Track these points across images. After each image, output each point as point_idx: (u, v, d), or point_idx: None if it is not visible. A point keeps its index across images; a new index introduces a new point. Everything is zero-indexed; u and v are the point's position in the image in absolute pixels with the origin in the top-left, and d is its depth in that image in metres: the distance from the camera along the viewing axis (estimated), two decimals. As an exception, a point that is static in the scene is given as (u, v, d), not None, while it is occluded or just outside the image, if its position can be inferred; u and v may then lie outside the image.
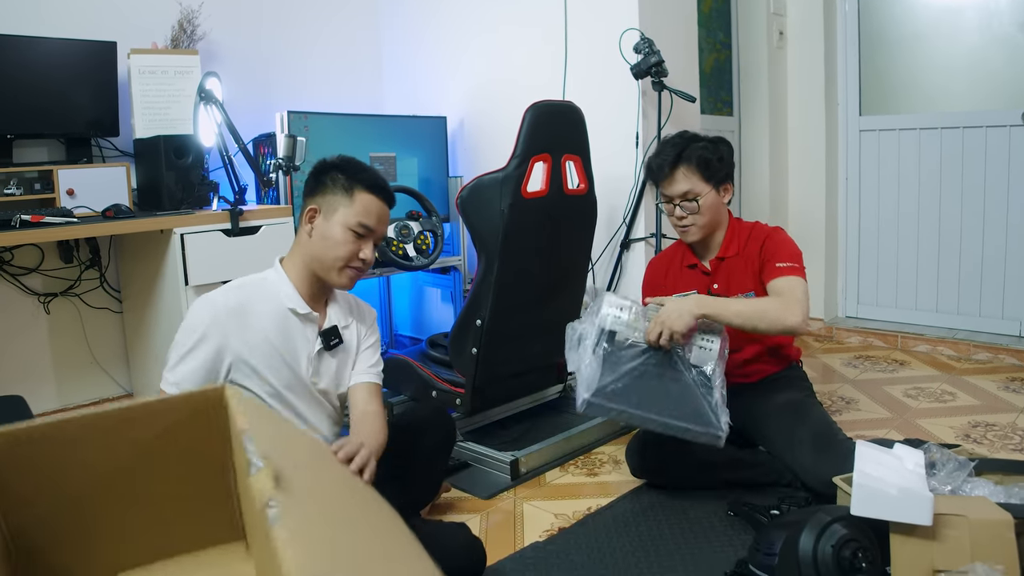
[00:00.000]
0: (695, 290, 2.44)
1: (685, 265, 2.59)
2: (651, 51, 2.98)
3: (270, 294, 1.88)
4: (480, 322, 2.65)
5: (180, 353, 1.78)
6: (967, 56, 3.97)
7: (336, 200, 1.89)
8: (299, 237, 1.94)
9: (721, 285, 2.51)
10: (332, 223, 1.88)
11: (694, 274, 2.57)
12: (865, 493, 1.71)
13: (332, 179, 1.90)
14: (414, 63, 4.09)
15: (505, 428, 2.98)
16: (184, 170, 2.96)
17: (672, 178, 2.46)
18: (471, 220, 2.66)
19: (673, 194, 2.47)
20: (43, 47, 2.91)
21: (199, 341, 1.77)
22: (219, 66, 3.38)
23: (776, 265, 2.39)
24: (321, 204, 1.89)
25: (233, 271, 2.84)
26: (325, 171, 1.93)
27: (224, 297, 1.83)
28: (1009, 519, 1.69)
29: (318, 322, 1.93)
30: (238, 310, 1.82)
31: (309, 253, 1.90)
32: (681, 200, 2.46)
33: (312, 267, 1.90)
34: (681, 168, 2.44)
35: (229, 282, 1.94)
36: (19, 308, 3.10)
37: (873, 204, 4.35)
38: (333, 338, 1.94)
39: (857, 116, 4.36)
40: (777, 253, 2.43)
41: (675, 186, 2.46)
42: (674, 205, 2.49)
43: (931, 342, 4.05)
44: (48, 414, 3.08)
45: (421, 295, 4.14)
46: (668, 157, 2.45)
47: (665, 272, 2.64)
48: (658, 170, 2.48)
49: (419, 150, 3.61)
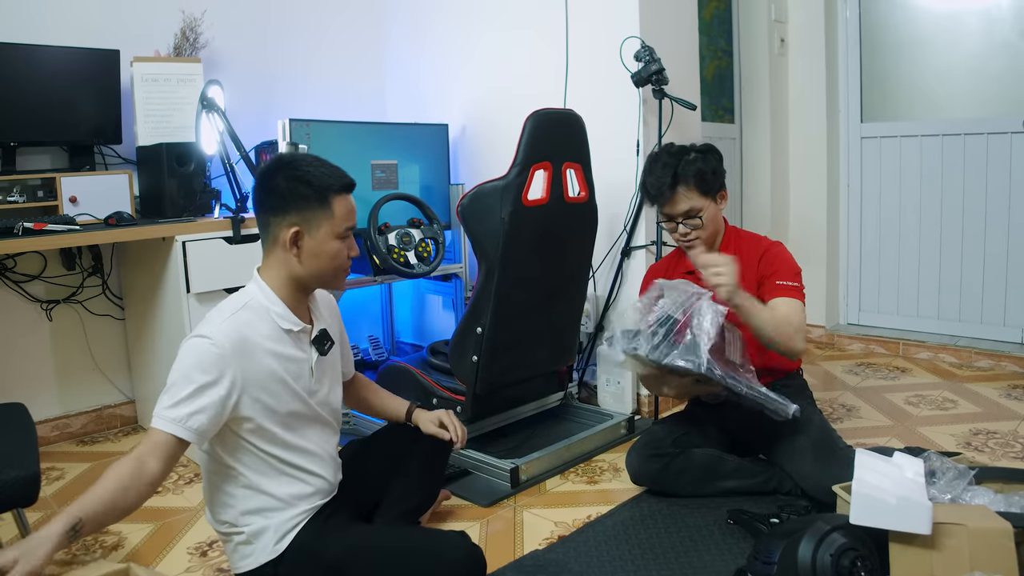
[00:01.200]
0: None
1: (683, 272, 2.56)
2: (652, 59, 2.99)
3: (261, 316, 1.80)
4: (481, 330, 2.66)
5: (184, 392, 1.66)
6: (968, 63, 3.97)
7: (314, 215, 1.79)
8: (278, 257, 1.82)
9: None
10: (320, 240, 1.80)
11: (693, 280, 2.55)
12: (864, 502, 1.72)
13: (299, 194, 1.78)
14: (417, 70, 4.10)
15: (506, 436, 2.98)
16: (186, 178, 2.97)
17: (673, 199, 2.42)
18: (472, 228, 2.67)
19: (675, 213, 2.44)
20: (46, 55, 2.92)
21: (209, 384, 1.67)
22: (222, 74, 3.40)
23: (777, 283, 2.38)
24: (299, 223, 1.78)
25: (235, 278, 2.88)
26: (278, 180, 1.80)
27: (223, 335, 1.72)
28: (1008, 528, 1.69)
29: (309, 332, 1.91)
30: (241, 345, 1.73)
31: (302, 272, 1.82)
32: (684, 219, 2.44)
33: (306, 283, 1.85)
34: (680, 188, 2.40)
35: (212, 313, 1.81)
36: (22, 315, 3.11)
37: (874, 211, 4.35)
38: (327, 342, 1.92)
39: (858, 123, 4.36)
40: (779, 270, 2.41)
41: (677, 206, 2.43)
42: (676, 223, 2.46)
43: (933, 349, 4.05)
44: (50, 421, 3.11)
45: (422, 302, 4.15)
46: (665, 179, 2.40)
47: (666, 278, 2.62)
48: (657, 193, 2.43)
49: (421, 157, 3.62)
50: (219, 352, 1.69)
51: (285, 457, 1.82)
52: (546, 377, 3.07)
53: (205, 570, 2.15)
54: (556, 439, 2.88)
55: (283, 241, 1.79)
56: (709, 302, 2.17)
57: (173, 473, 2.84)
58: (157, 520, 2.47)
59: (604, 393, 3.33)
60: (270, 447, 1.79)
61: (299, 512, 1.85)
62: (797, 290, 2.36)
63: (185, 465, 2.91)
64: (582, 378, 3.43)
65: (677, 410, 2.88)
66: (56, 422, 3.20)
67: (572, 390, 3.27)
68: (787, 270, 2.41)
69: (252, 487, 1.80)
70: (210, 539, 2.32)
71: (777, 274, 2.40)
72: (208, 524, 1.88)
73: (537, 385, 3.06)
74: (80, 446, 3.16)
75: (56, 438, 3.20)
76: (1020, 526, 1.75)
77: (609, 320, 3.24)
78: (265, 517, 1.81)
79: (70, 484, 2.77)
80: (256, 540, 1.82)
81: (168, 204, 2.94)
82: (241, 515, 1.81)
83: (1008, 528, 1.69)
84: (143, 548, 2.29)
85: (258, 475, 1.80)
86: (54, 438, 3.19)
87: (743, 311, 2.20)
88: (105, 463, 2.95)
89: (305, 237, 1.79)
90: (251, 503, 1.81)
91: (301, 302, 1.88)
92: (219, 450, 1.78)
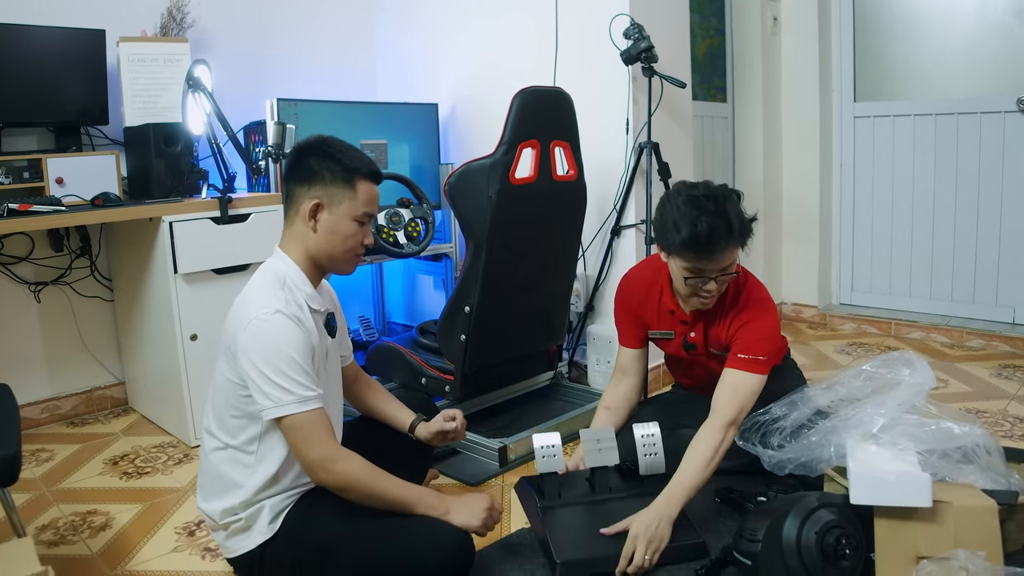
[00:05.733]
0: (672, 331, 2.36)
1: (664, 308, 2.37)
2: (641, 36, 2.96)
3: (295, 293, 1.82)
4: (469, 309, 2.65)
5: (293, 370, 1.69)
6: (962, 42, 3.95)
7: (338, 192, 1.83)
8: (298, 230, 1.86)
9: (698, 337, 2.34)
10: (338, 217, 1.84)
11: (672, 320, 2.37)
12: (863, 481, 1.71)
13: (328, 169, 1.83)
14: (407, 50, 4.07)
15: (494, 415, 2.98)
16: (173, 158, 2.95)
17: (723, 253, 2.07)
18: (459, 207, 2.65)
19: (716, 269, 2.10)
20: (32, 35, 2.90)
21: (302, 353, 1.72)
22: (209, 54, 3.37)
23: (738, 356, 2.18)
24: (322, 197, 1.83)
25: (222, 259, 2.87)
26: (311, 157, 1.86)
27: (284, 306, 1.74)
28: (993, 505, 1.69)
29: (323, 315, 1.92)
30: (299, 316, 1.77)
31: (315, 248, 1.85)
32: (720, 275, 2.12)
33: (319, 260, 1.88)
34: (731, 241, 2.07)
35: (258, 291, 1.80)
36: (10, 297, 3.10)
37: (867, 191, 4.34)
38: (334, 326, 1.97)
39: (851, 102, 4.34)
40: (747, 343, 2.19)
41: (723, 261, 2.08)
42: (710, 279, 2.12)
43: (924, 329, 4.05)
44: (40, 403, 3.11)
45: (413, 282, 4.14)
46: (722, 230, 2.02)
47: (642, 301, 2.41)
48: (710, 244, 2.03)
49: (410, 137, 3.60)
50: (293, 322, 1.74)
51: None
52: (535, 357, 3.06)
53: (192, 549, 2.15)
54: (545, 418, 2.88)
55: (304, 212, 1.84)
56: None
57: (162, 454, 2.84)
58: (145, 500, 2.47)
59: (594, 373, 3.32)
60: None
61: (293, 492, 1.86)
62: (758, 364, 2.16)
63: (174, 446, 2.90)
64: (572, 358, 3.43)
65: (665, 391, 2.87)
66: (46, 404, 3.20)
67: (562, 370, 3.26)
68: (755, 342, 2.19)
69: (266, 472, 1.81)
70: (198, 519, 2.32)
71: (742, 346, 2.19)
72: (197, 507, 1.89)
73: (526, 365, 3.06)
74: (70, 428, 3.15)
75: (46, 420, 3.19)
76: (1004, 503, 1.75)
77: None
78: (266, 500, 1.82)
79: (59, 465, 2.77)
80: (253, 523, 1.82)
81: (156, 185, 2.92)
82: (246, 501, 1.81)
83: (993, 505, 1.69)
84: (131, 528, 2.29)
85: (275, 460, 1.81)
86: (44, 420, 3.18)
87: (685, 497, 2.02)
88: (95, 444, 2.94)
89: (324, 211, 1.84)
90: (260, 489, 1.81)
91: (317, 284, 1.91)
92: (248, 432, 1.80)
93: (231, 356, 1.77)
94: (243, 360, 1.72)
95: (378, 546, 1.77)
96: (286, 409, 1.68)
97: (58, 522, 2.34)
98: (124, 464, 2.77)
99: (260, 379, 1.69)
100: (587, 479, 2.16)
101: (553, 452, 2.10)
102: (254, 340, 1.71)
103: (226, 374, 1.80)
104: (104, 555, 2.14)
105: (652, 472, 2.16)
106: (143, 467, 2.74)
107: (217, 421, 1.85)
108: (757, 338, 2.18)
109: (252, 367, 1.70)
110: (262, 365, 1.69)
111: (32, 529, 2.29)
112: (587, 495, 2.12)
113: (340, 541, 1.78)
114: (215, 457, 1.85)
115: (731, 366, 2.17)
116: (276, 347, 1.70)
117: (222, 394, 1.82)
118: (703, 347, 2.34)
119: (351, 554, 1.77)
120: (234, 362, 1.76)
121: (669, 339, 2.40)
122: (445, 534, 1.78)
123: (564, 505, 2.07)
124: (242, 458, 1.81)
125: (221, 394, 1.83)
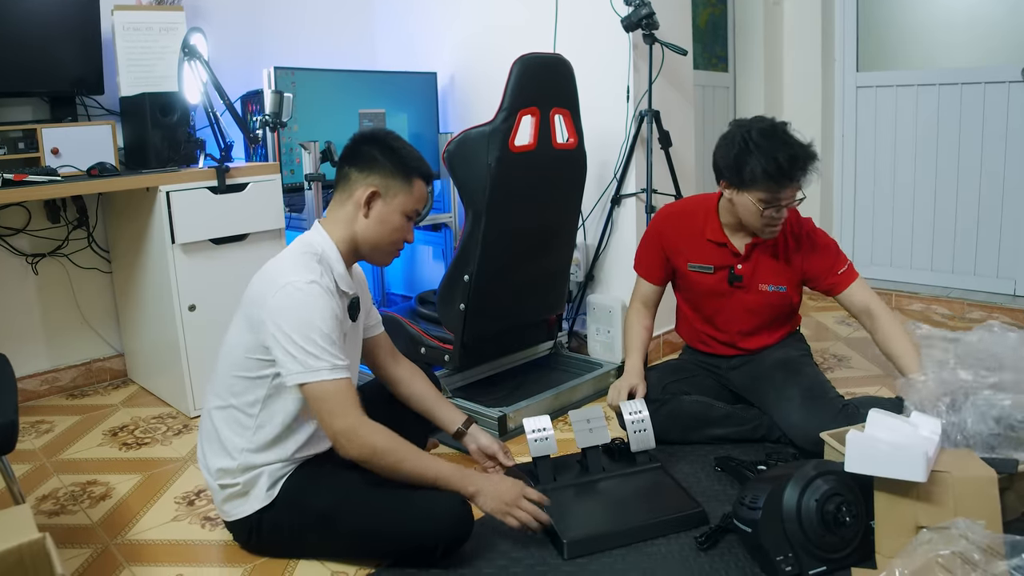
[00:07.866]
0: (712, 266, 2.42)
1: (708, 239, 2.43)
2: (642, 3, 2.92)
3: (327, 271, 1.83)
4: (468, 278, 2.64)
5: (325, 342, 1.70)
6: (967, 11, 3.91)
7: (395, 185, 1.87)
8: (347, 212, 1.88)
9: (746, 270, 2.40)
10: (392, 208, 1.88)
11: (721, 252, 2.42)
12: (858, 450, 1.71)
13: (391, 161, 1.87)
14: (407, 18, 4.02)
15: (494, 384, 2.97)
16: (170, 128, 2.92)
17: (800, 181, 2.20)
18: (458, 174, 2.63)
19: (791, 195, 2.22)
20: (24, 3, 2.85)
21: (333, 326, 1.73)
22: (205, 22, 3.33)
23: (838, 273, 2.40)
24: (380, 187, 1.86)
25: (220, 228, 2.85)
26: (374, 147, 1.89)
27: (319, 277, 1.76)
28: (993, 475, 1.69)
29: (349, 298, 1.93)
30: (332, 291, 1.79)
31: (362, 233, 1.89)
32: (788, 202, 2.24)
33: (361, 246, 1.91)
34: (809, 168, 2.20)
35: (290, 261, 1.81)
36: (7, 269, 3.08)
37: (869, 162, 4.31)
38: (357, 311, 1.98)
39: (854, 72, 4.30)
40: (831, 263, 2.41)
41: (797, 191, 2.23)
42: (783, 206, 2.23)
43: (925, 300, 4.03)
44: (39, 375, 3.10)
45: (412, 252, 4.12)
46: (802, 159, 2.17)
47: (681, 234, 2.47)
48: (792, 172, 2.16)
49: (409, 106, 3.57)
50: (325, 293, 1.75)
51: (306, 410, 1.83)
52: (535, 326, 3.05)
53: (192, 518, 2.15)
54: (545, 388, 2.87)
55: (358, 198, 1.87)
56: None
57: (161, 424, 2.84)
58: (145, 471, 2.47)
59: (594, 342, 3.32)
60: (300, 399, 1.81)
61: (292, 461, 1.87)
62: (852, 271, 2.41)
63: (174, 416, 2.90)
64: (572, 327, 3.42)
65: (669, 358, 2.87)
66: (45, 376, 3.19)
67: (562, 339, 3.25)
68: (836, 253, 2.43)
69: (264, 437, 1.82)
70: (197, 488, 2.32)
71: (837, 263, 2.41)
72: (196, 473, 1.88)
73: (526, 334, 3.05)
74: (70, 399, 3.15)
75: (46, 392, 3.18)
76: (1004, 472, 1.75)
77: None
78: (264, 465, 1.83)
79: (59, 436, 2.77)
80: (251, 488, 1.83)
81: (152, 155, 2.90)
82: (244, 465, 1.83)
83: (992, 475, 1.69)
84: (131, 498, 2.29)
85: (275, 427, 1.82)
86: (44, 392, 3.18)
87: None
88: (95, 416, 2.94)
89: (379, 201, 1.88)
90: (256, 452, 1.83)
91: (350, 267, 1.93)
92: (252, 394, 1.81)
93: (254, 318, 1.77)
94: (270, 323, 1.72)
95: (377, 513, 1.79)
96: (318, 375, 1.69)
97: (58, 492, 2.34)
98: (123, 435, 2.77)
99: (289, 344, 1.69)
100: (579, 461, 2.22)
101: (545, 435, 2.14)
102: (287, 305, 1.71)
103: (242, 335, 1.81)
104: (104, 524, 2.14)
105: (643, 448, 2.23)
106: (142, 438, 2.74)
107: (223, 380, 1.86)
108: (835, 255, 2.41)
109: (280, 331, 1.70)
110: (292, 330, 1.69)
111: (32, 499, 2.29)
112: (581, 475, 2.17)
113: (339, 508, 1.81)
114: (216, 416, 1.87)
115: (841, 284, 2.40)
116: (310, 315, 1.71)
117: (233, 355, 1.84)
118: (750, 279, 2.41)
119: (349, 520, 1.80)
120: (256, 325, 1.76)
121: (708, 273, 2.44)
122: (444, 503, 1.79)
123: (561, 487, 2.10)
124: (242, 419, 1.82)
125: (232, 355, 1.84)
